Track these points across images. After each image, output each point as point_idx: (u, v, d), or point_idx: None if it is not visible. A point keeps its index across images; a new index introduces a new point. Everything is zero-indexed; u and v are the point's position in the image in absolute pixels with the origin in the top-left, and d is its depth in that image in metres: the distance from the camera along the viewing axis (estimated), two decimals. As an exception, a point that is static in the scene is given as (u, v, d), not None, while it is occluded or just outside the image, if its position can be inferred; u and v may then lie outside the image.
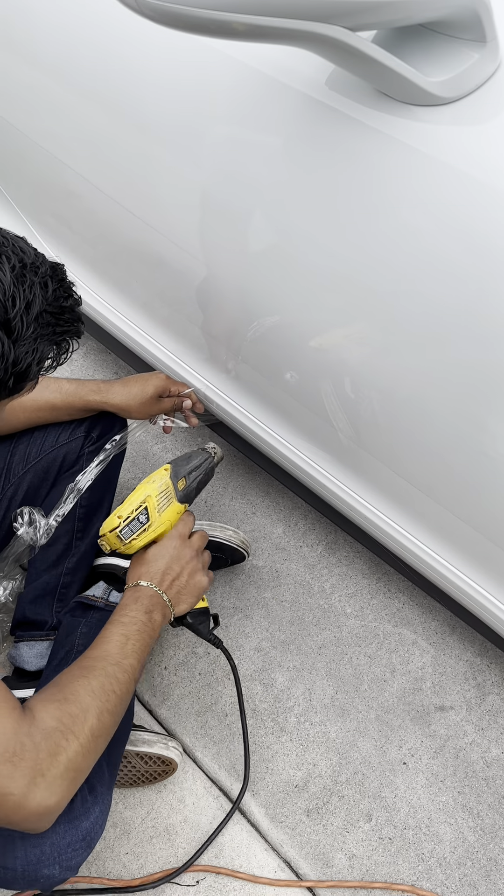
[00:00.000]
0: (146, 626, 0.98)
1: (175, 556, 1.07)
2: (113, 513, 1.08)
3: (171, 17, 0.60)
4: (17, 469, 1.25)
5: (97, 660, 0.92)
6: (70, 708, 0.85)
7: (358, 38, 0.64)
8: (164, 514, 1.10)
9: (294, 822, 1.21)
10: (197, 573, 1.08)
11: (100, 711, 0.87)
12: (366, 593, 1.45)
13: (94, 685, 0.89)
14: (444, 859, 1.19)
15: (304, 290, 0.98)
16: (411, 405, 0.96)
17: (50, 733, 0.82)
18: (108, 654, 0.93)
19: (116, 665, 0.92)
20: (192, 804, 1.22)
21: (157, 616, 1.01)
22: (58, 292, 0.82)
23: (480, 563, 1.07)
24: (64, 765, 0.81)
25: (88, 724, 0.85)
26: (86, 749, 0.84)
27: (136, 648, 0.95)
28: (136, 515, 1.08)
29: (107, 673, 0.91)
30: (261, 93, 0.89)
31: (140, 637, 0.97)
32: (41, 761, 0.80)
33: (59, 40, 1.12)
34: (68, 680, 0.89)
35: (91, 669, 0.91)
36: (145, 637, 0.97)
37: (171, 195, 1.08)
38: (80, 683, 0.88)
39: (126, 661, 0.93)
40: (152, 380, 1.24)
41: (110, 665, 0.92)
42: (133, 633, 0.96)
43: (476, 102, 0.74)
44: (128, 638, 0.95)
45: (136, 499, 1.09)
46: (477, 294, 0.79)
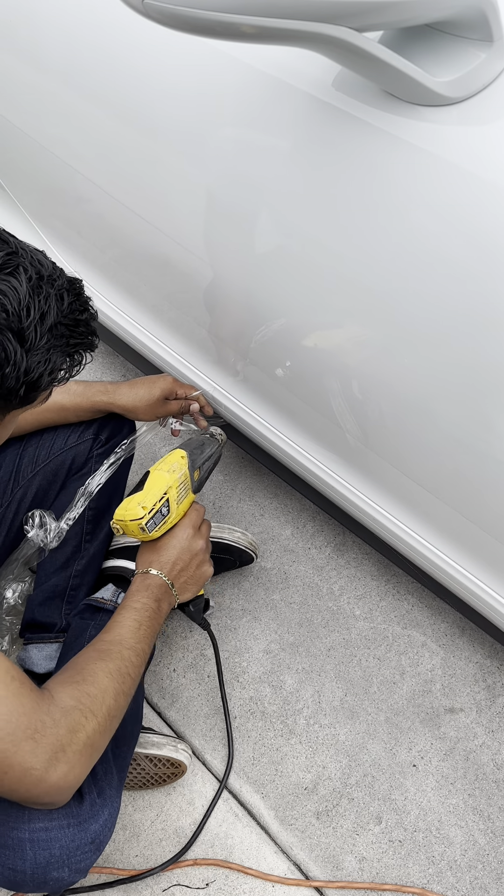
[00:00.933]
0: (156, 613, 1.02)
1: (186, 546, 1.09)
2: (133, 499, 1.06)
3: (177, 20, 0.60)
4: (25, 472, 1.25)
5: (112, 643, 0.96)
6: (88, 688, 0.89)
7: (364, 38, 0.64)
8: (181, 506, 1.12)
9: (304, 824, 1.21)
10: (204, 564, 1.12)
11: (116, 693, 0.91)
12: (375, 595, 1.45)
13: (110, 667, 0.92)
14: (454, 862, 1.18)
15: (311, 292, 0.98)
16: (419, 406, 0.96)
17: (69, 711, 0.85)
18: (122, 639, 0.97)
19: (130, 649, 0.96)
20: (201, 807, 1.22)
21: (164, 605, 1.05)
22: (73, 305, 0.83)
23: (490, 564, 1.07)
24: (83, 741, 0.85)
25: (106, 705, 0.89)
26: (103, 727, 0.88)
27: (147, 634, 0.99)
28: (160, 507, 1.08)
29: (122, 656, 0.94)
30: (267, 95, 0.89)
31: (150, 624, 1.00)
32: (61, 737, 0.83)
33: (65, 45, 1.12)
34: (85, 662, 0.93)
35: (107, 653, 0.94)
36: (154, 624, 1.02)
37: (178, 198, 1.09)
38: (98, 666, 0.92)
39: (139, 645, 0.97)
40: (159, 382, 1.25)
41: (125, 649, 0.96)
42: (144, 619, 1.00)
43: (483, 102, 0.74)
44: (140, 623, 0.99)
45: (158, 489, 1.08)
46: (483, 294, 0.79)
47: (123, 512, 1.06)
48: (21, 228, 1.57)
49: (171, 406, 1.26)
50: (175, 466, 1.12)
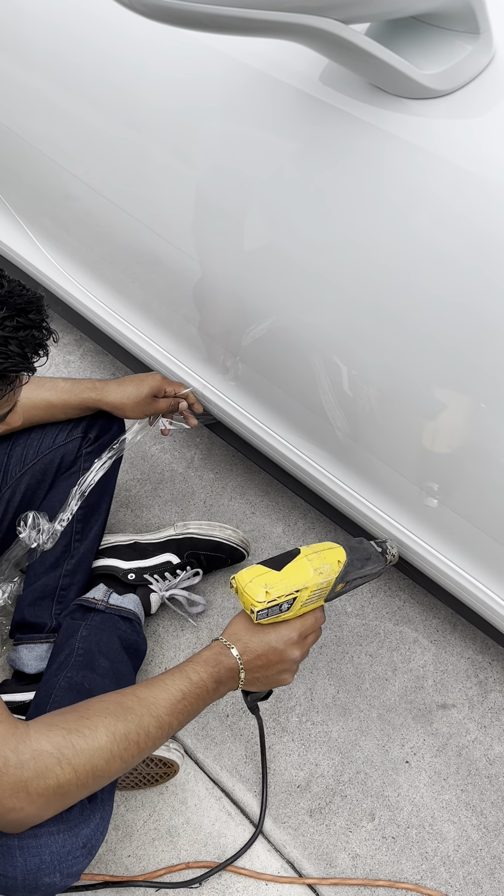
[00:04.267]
0: (208, 693, 0.91)
1: (280, 649, 0.95)
2: (265, 575, 0.95)
3: (163, 12, 0.60)
4: (14, 471, 1.24)
5: (141, 703, 0.87)
6: (78, 741, 0.81)
7: (351, 30, 0.64)
8: (305, 608, 0.98)
9: (297, 822, 1.21)
10: (287, 673, 0.97)
11: (111, 756, 0.83)
12: (366, 592, 1.45)
13: (118, 728, 0.84)
14: (447, 858, 1.18)
15: (299, 287, 0.98)
16: (409, 402, 0.96)
17: (40, 755, 0.79)
18: (154, 704, 0.87)
19: (156, 718, 0.86)
20: (194, 806, 1.22)
21: (222, 689, 0.94)
22: (6, 321, 0.80)
23: (481, 560, 1.07)
24: (52, 787, 0.79)
25: (92, 764, 0.81)
26: (81, 783, 0.81)
27: (185, 710, 0.89)
28: (283, 602, 0.95)
29: (141, 723, 0.85)
30: (254, 89, 0.89)
31: (195, 702, 0.90)
32: (26, 779, 0.78)
33: (51, 40, 1.12)
34: (95, 712, 0.85)
35: (127, 711, 0.85)
36: (200, 703, 0.91)
37: (166, 195, 1.08)
38: (106, 722, 0.84)
39: (168, 718, 0.87)
40: (148, 380, 1.24)
41: (149, 716, 0.86)
42: (192, 695, 0.90)
43: (470, 95, 0.74)
44: (184, 696, 0.89)
45: (293, 583, 0.95)
46: (474, 288, 0.79)
47: (248, 581, 0.94)
48: (9, 227, 1.57)
49: (160, 404, 1.26)
50: (326, 570, 0.98)
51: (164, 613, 1.40)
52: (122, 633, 1.23)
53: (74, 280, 1.48)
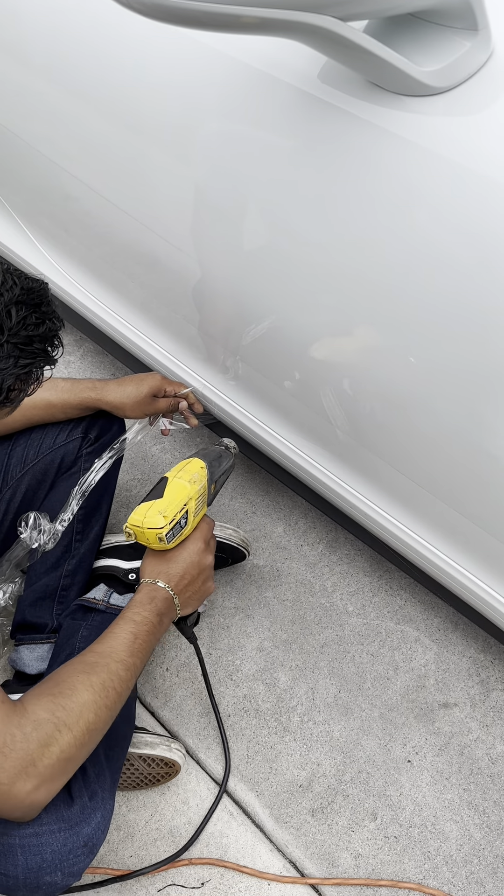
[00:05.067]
0: (155, 627, 0.98)
1: (196, 561, 1.05)
2: (152, 506, 1.02)
3: (161, 11, 0.60)
4: (14, 471, 1.24)
5: (102, 655, 0.93)
6: (65, 701, 0.86)
7: (349, 28, 0.64)
8: (197, 517, 1.09)
9: (299, 822, 1.21)
10: (209, 580, 1.08)
11: (97, 706, 0.88)
12: (367, 591, 1.45)
13: (94, 681, 0.89)
14: (450, 857, 1.18)
15: (298, 286, 0.98)
16: (409, 401, 0.96)
17: (41, 724, 0.83)
18: (113, 651, 0.94)
19: (120, 662, 0.93)
20: (195, 806, 1.22)
21: (165, 619, 1.01)
22: (27, 320, 0.78)
23: (482, 559, 1.07)
24: (56, 755, 0.82)
25: (84, 718, 0.86)
26: (80, 741, 0.85)
27: (142, 648, 0.96)
28: (179, 519, 1.04)
29: (109, 670, 0.91)
30: (252, 88, 0.89)
31: (147, 638, 0.97)
32: (32, 752, 0.81)
33: (50, 41, 1.12)
34: (68, 674, 0.90)
35: (93, 665, 0.91)
36: (152, 638, 0.98)
37: (165, 195, 1.08)
38: (80, 679, 0.89)
39: (130, 659, 0.94)
40: (148, 379, 1.24)
41: (114, 662, 0.92)
42: (143, 633, 0.97)
43: (469, 92, 0.74)
44: (136, 637, 0.96)
45: (179, 499, 1.04)
46: (474, 285, 0.79)
47: (141, 518, 1.01)
48: (8, 227, 1.57)
49: (160, 404, 1.26)
50: (195, 477, 1.08)
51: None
52: (122, 632, 1.23)
53: (74, 280, 1.48)
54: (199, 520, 1.09)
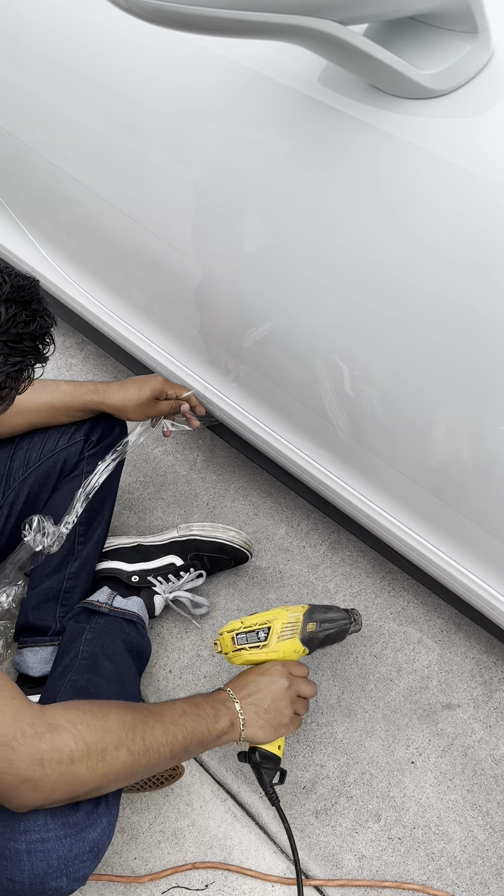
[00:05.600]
0: (207, 721, 0.96)
1: (274, 690, 1.04)
2: (239, 620, 1.14)
3: (161, 16, 0.60)
4: (16, 475, 1.25)
5: (147, 709, 0.92)
6: (91, 720, 0.85)
7: (349, 31, 0.64)
8: (282, 644, 1.12)
9: (302, 823, 1.21)
10: (285, 718, 1.04)
11: (119, 742, 0.86)
12: (370, 592, 1.45)
13: (128, 718, 0.88)
14: (454, 858, 1.18)
15: (299, 289, 0.98)
16: (411, 401, 0.96)
17: (56, 728, 0.82)
18: (158, 712, 0.93)
19: (160, 723, 0.91)
20: (199, 808, 1.22)
21: (221, 722, 0.98)
22: (17, 317, 0.78)
23: (485, 559, 1.07)
24: (66, 764, 0.82)
25: (103, 744, 0.84)
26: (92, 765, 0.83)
27: (186, 725, 0.93)
28: (258, 629, 1.12)
29: (147, 722, 0.90)
30: (254, 92, 0.89)
31: (195, 722, 0.94)
32: (42, 752, 0.81)
33: (50, 45, 1.12)
34: (107, 702, 0.91)
35: (137, 709, 0.91)
36: (201, 729, 0.95)
37: (167, 198, 1.09)
38: (117, 711, 0.88)
39: (172, 727, 0.91)
40: (150, 382, 1.24)
41: (154, 719, 0.91)
42: (193, 713, 0.95)
43: (469, 94, 0.74)
44: (185, 713, 0.94)
45: (265, 616, 1.13)
46: (474, 287, 0.79)
47: (226, 627, 1.14)
48: (9, 231, 1.57)
49: (162, 406, 1.26)
50: (292, 608, 1.15)
51: (168, 615, 1.40)
52: (126, 635, 1.23)
53: (76, 283, 1.48)
54: (287, 650, 1.11)
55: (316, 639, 1.15)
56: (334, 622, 1.16)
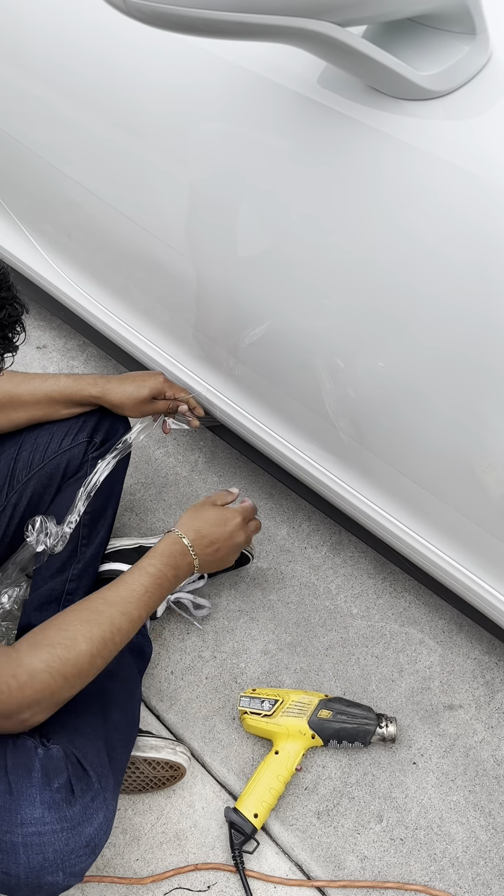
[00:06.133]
0: (168, 581, 1.04)
1: (228, 532, 1.13)
2: (257, 690, 1.25)
3: (160, 18, 0.60)
4: (20, 476, 1.25)
5: (109, 604, 0.98)
6: (62, 653, 0.92)
7: (347, 33, 0.65)
8: (286, 720, 1.21)
9: (304, 824, 1.21)
10: (234, 553, 1.15)
11: (92, 658, 0.94)
12: (371, 593, 1.45)
13: (94, 634, 0.94)
14: (456, 859, 1.18)
15: (300, 291, 0.98)
16: (412, 402, 0.96)
17: (35, 674, 0.89)
18: (121, 601, 0.99)
19: (125, 615, 0.98)
20: (201, 809, 1.22)
21: (181, 574, 1.08)
22: None
23: (486, 560, 1.07)
24: (48, 697, 0.91)
25: (78, 668, 0.93)
26: (70, 685, 0.93)
27: (150, 601, 1.01)
28: (265, 698, 1.23)
29: (112, 623, 0.96)
30: (253, 94, 0.89)
31: (157, 591, 1.02)
32: (28, 698, 0.89)
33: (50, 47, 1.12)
34: (69, 623, 0.95)
35: (99, 615, 0.96)
36: (162, 592, 1.04)
37: (167, 200, 1.09)
38: (81, 631, 0.94)
39: (136, 612, 0.99)
40: (150, 380, 1.25)
41: (119, 614, 0.97)
42: (154, 586, 1.02)
43: (468, 95, 0.75)
44: (146, 590, 1.01)
45: (279, 692, 1.24)
46: (474, 288, 0.79)
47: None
48: (10, 233, 1.57)
49: (159, 405, 1.27)
50: (312, 693, 1.25)
51: (170, 617, 1.40)
52: (127, 636, 1.23)
53: (77, 285, 1.49)
54: (290, 727, 1.21)
55: (328, 728, 1.21)
56: (354, 718, 1.22)
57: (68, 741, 1.00)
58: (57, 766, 0.95)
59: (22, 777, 0.92)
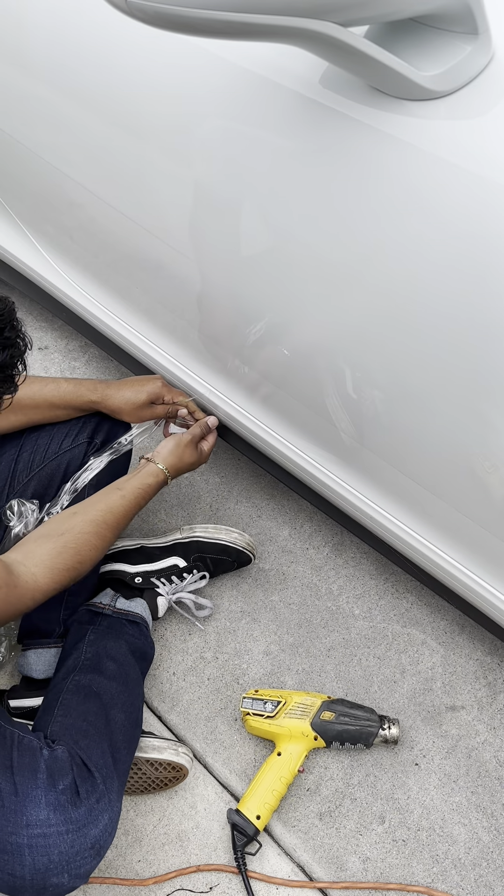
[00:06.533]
0: (146, 491, 1.17)
1: (192, 462, 1.25)
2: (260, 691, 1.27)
3: (162, 18, 0.60)
4: (21, 476, 1.25)
5: (89, 537, 1.07)
6: (65, 540, 1.04)
7: (349, 33, 0.65)
8: (288, 721, 1.21)
9: (307, 825, 1.21)
10: (195, 466, 1.27)
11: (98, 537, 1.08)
12: (374, 594, 1.45)
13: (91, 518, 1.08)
14: (458, 860, 1.18)
15: (301, 291, 0.98)
16: (413, 402, 0.96)
17: (43, 560, 1.00)
18: (102, 534, 1.09)
19: (102, 542, 1.09)
20: (203, 810, 1.22)
21: (155, 484, 1.19)
22: None
23: (488, 561, 1.07)
24: (60, 578, 1.02)
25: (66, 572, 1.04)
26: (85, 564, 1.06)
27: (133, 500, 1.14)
28: (268, 700, 1.24)
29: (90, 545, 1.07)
30: (255, 94, 0.89)
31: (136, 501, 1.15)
32: (39, 581, 0.99)
33: (52, 47, 1.12)
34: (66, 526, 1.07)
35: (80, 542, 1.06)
36: (140, 500, 1.16)
37: (169, 201, 1.09)
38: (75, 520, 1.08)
39: (113, 535, 1.11)
40: (148, 385, 1.25)
41: (95, 539, 1.08)
42: (131, 512, 1.15)
43: (470, 95, 0.74)
44: (126, 513, 1.13)
45: (282, 694, 1.25)
46: (476, 288, 0.79)
47: None
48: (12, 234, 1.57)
49: (157, 410, 1.27)
50: (315, 694, 1.26)
51: (172, 617, 1.40)
52: (129, 636, 1.23)
53: (79, 287, 1.49)
54: (293, 728, 1.21)
55: (331, 730, 1.21)
56: (357, 720, 1.22)
57: (73, 742, 1.00)
58: (62, 767, 0.95)
59: (27, 778, 0.92)
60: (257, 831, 1.15)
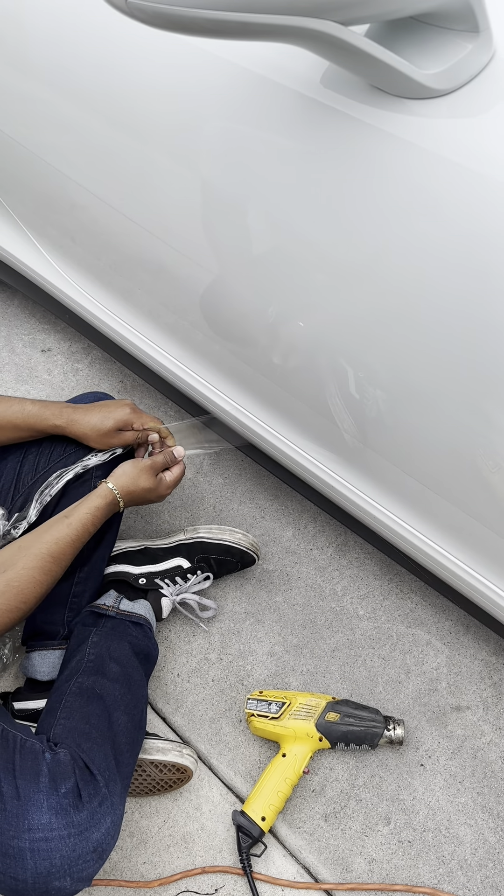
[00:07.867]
0: (93, 519, 1.13)
1: (148, 489, 1.18)
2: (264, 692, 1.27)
3: (162, 19, 0.60)
4: (26, 479, 1.25)
5: (34, 572, 1.04)
6: (7, 578, 1.01)
7: (350, 32, 0.64)
8: (293, 723, 1.21)
9: (312, 827, 1.20)
10: (151, 501, 1.23)
11: None
12: (378, 594, 1.44)
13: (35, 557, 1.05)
14: (464, 861, 1.17)
15: (303, 291, 0.98)
16: (417, 402, 0.95)
17: None
18: (49, 570, 1.06)
19: (48, 577, 1.05)
20: (208, 811, 1.21)
21: (107, 510, 1.15)
22: None
23: (493, 560, 1.06)
24: (2, 619, 0.99)
25: None
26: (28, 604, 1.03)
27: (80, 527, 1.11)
28: (272, 701, 1.23)
29: (34, 581, 1.04)
30: (256, 94, 0.89)
31: (84, 528, 1.11)
32: None
33: (52, 50, 1.12)
34: None
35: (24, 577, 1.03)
36: (91, 526, 1.13)
37: (171, 202, 1.09)
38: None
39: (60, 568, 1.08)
40: (115, 412, 1.20)
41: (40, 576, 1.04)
42: (81, 541, 1.11)
43: (471, 93, 0.74)
44: (75, 542, 1.10)
45: (286, 694, 1.25)
46: (478, 287, 0.79)
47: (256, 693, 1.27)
48: (15, 236, 1.58)
49: (125, 436, 1.22)
50: (319, 695, 1.25)
51: (176, 618, 1.40)
52: (133, 638, 1.23)
53: (81, 288, 1.49)
54: (297, 730, 1.21)
55: (336, 731, 1.21)
56: (362, 721, 1.22)
57: (76, 745, 1.00)
58: (64, 770, 0.95)
59: (30, 782, 0.92)
60: (262, 833, 1.15)
